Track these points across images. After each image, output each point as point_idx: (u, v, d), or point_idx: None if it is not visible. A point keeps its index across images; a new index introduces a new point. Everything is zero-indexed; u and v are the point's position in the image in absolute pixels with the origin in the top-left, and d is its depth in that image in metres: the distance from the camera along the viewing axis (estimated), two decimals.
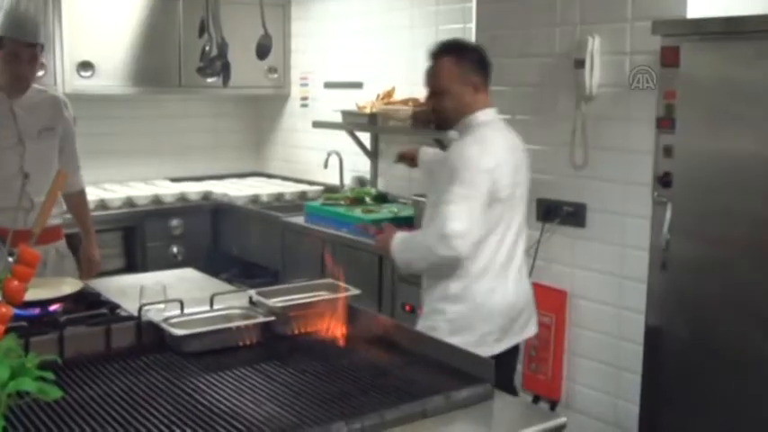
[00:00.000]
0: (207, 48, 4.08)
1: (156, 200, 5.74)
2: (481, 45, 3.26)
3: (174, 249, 5.66)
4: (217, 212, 5.93)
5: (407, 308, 4.29)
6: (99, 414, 2.01)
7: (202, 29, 4.06)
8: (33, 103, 3.83)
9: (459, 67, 3.13)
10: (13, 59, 3.65)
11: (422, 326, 3.17)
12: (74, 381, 2.21)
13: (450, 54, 3.16)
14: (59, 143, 3.94)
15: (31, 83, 3.80)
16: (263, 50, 4.21)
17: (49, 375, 1.48)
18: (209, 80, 4.30)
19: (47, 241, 3.84)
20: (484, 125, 3.14)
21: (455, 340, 2.84)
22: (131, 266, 5.50)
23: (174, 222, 5.70)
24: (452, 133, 3.28)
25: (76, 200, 4.18)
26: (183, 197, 5.91)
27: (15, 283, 1.78)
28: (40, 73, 5.16)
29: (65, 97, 4.08)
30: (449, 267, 3.08)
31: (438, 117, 3.26)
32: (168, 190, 5.95)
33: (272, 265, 5.39)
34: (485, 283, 3.10)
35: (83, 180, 4.22)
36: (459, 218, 2.95)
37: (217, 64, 4.04)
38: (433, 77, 3.20)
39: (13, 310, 1.78)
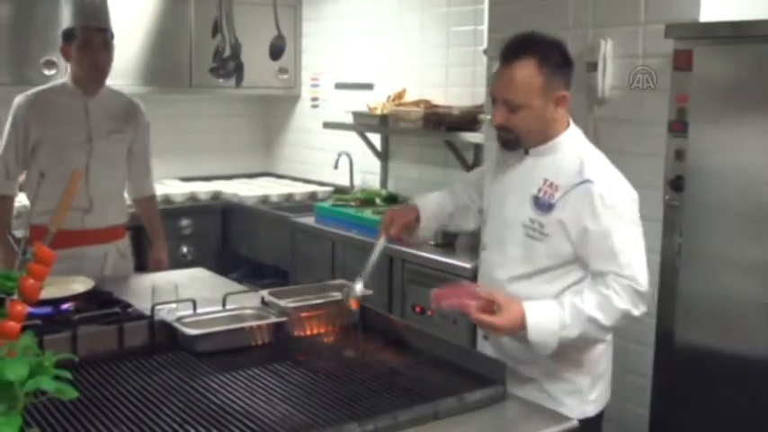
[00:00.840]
0: (220, 48, 4.09)
1: (166, 199, 5.74)
2: (563, 41, 2.61)
3: (184, 249, 5.67)
4: (226, 212, 5.94)
5: (417, 309, 4.29)
6: (112, 412, 2.02)
7: (216, 29, 4.07)
8: (107, 104, 3.80)
9: (541, 74, 2.46)
10: (85, 47, 3.63)
11: (555, 388, 2.56)
12: (87, 380, 2.22)
13: (530, 56, 2.46)
14: (131, 147, 3.90)
15: (107, 72, 3.75)
16: (276, 51, 4.21)
17: (66, 374, 1.49)
18: (222, 80, 4.30)
19: (108, 240, 3.82)
20: (589, 144, 2.62)
21: (594, 395, 2.63)
22: (141, 266, 5.47)
23: (184, 222, 5.71)
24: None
25: (146, 205, 4.13)
26: (192, 197, 5.92)
27: (31, 281, 1.78)
28: (52, 71, 5.24)
29: (140, 103, 4.03)
30: None
31: (507, 137, 2.56)
32: (178, 190, 5.96)
33: (282, 266, 5.39)
34: None
35: (154, 186, 4.17)
36: (644, 268, 2.44)
37: (230, 64, 4.05)
38: (505, 86, 2.49)
39: (28, 309, 1.79)
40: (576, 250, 2.48)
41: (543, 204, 2.51)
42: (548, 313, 2.39)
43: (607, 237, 2.42)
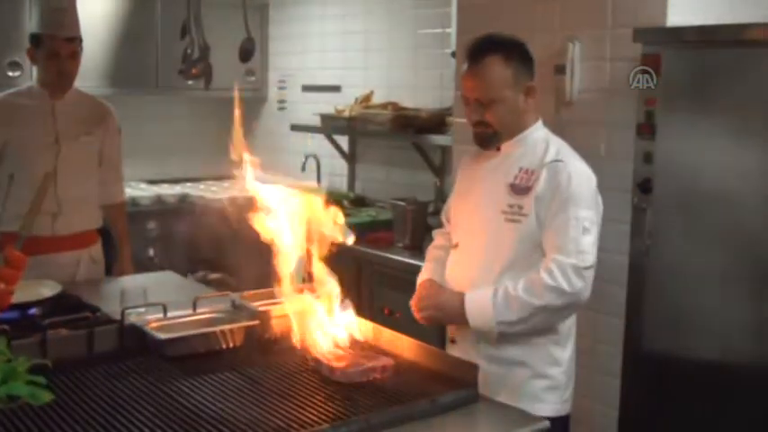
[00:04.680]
0: (189, 50, 4.07)
1: (133, 202, 5.69)
2: (522, 39, 2.76)
3: (151, 252, 5.63)
4: (194, 215, 5.90)
5: (386, 311, 4.29)
6: (82, 418, 2.00)
7: (184, 31, 4.06)
8: (76, 106, 3.76)
9: (509, 67, 2.63)
10: (52, 56, 3.58)
11: (537, 386, 2.67)
12: (56, 385, 2.18)
13: (496, 52, 2.63)
14: (100, 151, 3.85)
15: (73, 80, 3.71)
16: (246, 53, 4.21)
17: (41, 380, 1.47)
18: (190, 82, 4.28)
19: (80, 246, 3.77)
20: (553, 135, 2.77)
21: (568, 393, 2.77)
22: (107, 269, 5.44)
23: (151, 225, 5.66)
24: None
25: (114, 212, 4.05)
26: (159, 199, 5.87)
27: (2, 285, 1.76)
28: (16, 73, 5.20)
29: (111, 106, 3.98)
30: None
31: (486, 132, 2.68)
32: (145, 192, 5.92)
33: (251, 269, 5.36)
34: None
35: (124, 192, 4.12)
36: (593, 249, 2.57)
37: (198, 66, 4.04)
38: (477, 84, 2.63)
39: None
40: (542, 225, 2.60)
41: (521, 188, 2.65)
42: (482, 295, 2.57)
43: (564, 211, 2.55)
